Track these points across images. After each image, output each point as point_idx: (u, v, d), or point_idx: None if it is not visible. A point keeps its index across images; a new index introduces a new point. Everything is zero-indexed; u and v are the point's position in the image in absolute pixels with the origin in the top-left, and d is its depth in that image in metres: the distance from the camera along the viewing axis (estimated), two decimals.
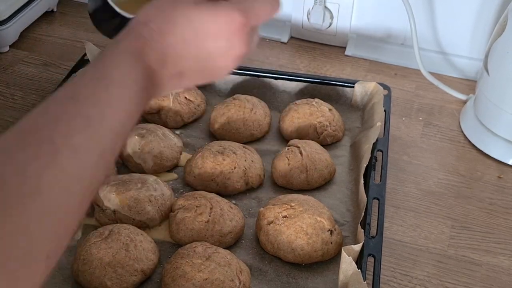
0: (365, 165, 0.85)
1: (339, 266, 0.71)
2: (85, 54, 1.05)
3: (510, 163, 0.95)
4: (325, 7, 1.17)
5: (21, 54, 1.18)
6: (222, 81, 1.05)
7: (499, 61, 0.94)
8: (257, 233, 0.80)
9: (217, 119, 0.96)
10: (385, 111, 0.97)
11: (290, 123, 0.96)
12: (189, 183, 0.88)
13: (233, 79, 1.05)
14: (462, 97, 1.08)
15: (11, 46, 1.20)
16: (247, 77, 1.04)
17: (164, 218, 0.83)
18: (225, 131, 0.96)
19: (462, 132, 1.02)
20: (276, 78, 1.04)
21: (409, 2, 1.08)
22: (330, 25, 1.20)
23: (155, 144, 0.88)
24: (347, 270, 0.70)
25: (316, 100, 0.98)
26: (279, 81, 1.04)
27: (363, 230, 0.75)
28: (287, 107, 0.99)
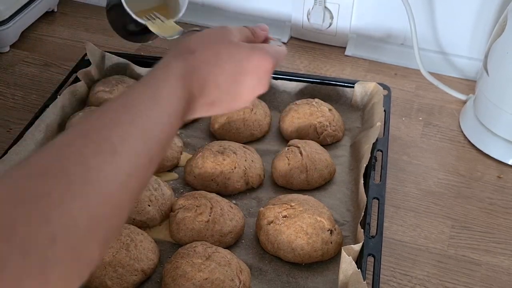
0: (365, 165, 0.85)
1: (339, 266, 0.71)
2: (86, 54, 1.05)
3: (510, 163, 0.95)
4: (325, 7, 1.17)
5: (21, 54, 1.19)
6: None
7: (499, 61, 0.94)
8: (257, 233, 0.80)
9: (217, 119, 0.96)
10: (385, 111, 0.97)
11: (290, 123, 0.96)
12: (189, 183, 0.88)
13: None
14: (462, 97, 1.08)
15: (11, 46, 1.20)
16: None
17: (164, 218, 0.83)
18: (225, 131, 0.96)
19: (462, 132, 1.02)
20: (276, 78, 1.04)
21: (409, 2, 1.08)
22: (330, 25, 1.20)
23: None
24: (347, 270, 0.70)
25: (316, 100, 0.98)
26: (279, 81, 1.04)
27: (363, 230, 0.75)
28: (287, 107, 0.99)
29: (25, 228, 0.35)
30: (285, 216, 0.78)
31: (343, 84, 1.03)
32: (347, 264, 0.70)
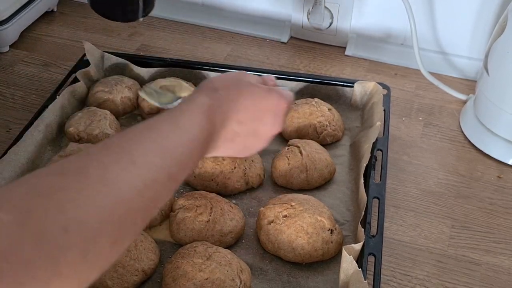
0: (365, 165, 0.85)
1: (340, 265, 0.71)
2: (85, 54, 1.05)
3: (510, 163, 0.95)
4: (325, 7, 1.17)
5: (21, 54, 1.18)
6: None
7: (499, 61, 0.94)
8: (258, 233, 0.80)
9: None
10: (384, 110, 0.97)
11: (290, 123, 0.96)
12: (189, 183, 0.88)
13: None
14: (462, 97, 1.08)
15: (11, 46, 1.20)
16: None
17: (164, 218, 0.83)
18: None
19: (462, 132, 1.02)
20: (276, 78, 1.03)
21: (409, 2, 1.08)
22: (330, 25, 1.20)
23: None
24: (347, 269, 0.70)
25: (316, 99, 0.98)
26: (279, 81, 1.03)
27: (363, 229, 0.75)
28: None
29: (40, 215, 0.37)
30: (285, 216, 0.78)
31: (342, 83, 1.03)
32: (348, 264, 0.69)
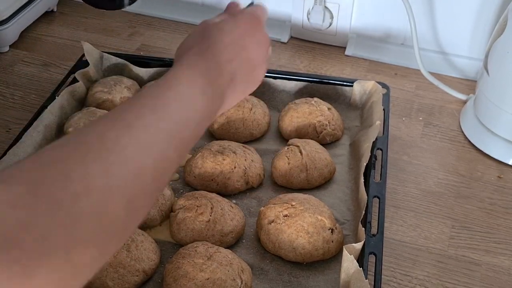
0: (365, 164, 0.85)
1: (341, 265, 0.71)
2: (84, 55, 1.05)
3: (510, 163, 0.95)
4: (325, 7, 1.17)
5: (21, 54, 1.18)
6: None
7: (499, 61, 0.94)
8: (258, 233, 0.80)
9: (217, 119, 0.96)
10: (384, 110, 0.97)
11: (290, 122, 0.96)
12: (189, 183, 0.88)
13: None
14: (462, 97, 1.08)
15: (11, 46, 1.20)
16: None
17: (164, 218, 0.83)
18: (224, 131, 0.96)
19: (462, 132, 1.02)
20: (275, 78, 1.04)
21: (409, 2, 1.08)
22: (330, 25, 1.20)
23: None
24: (348, 269, 0.70)
25: (315, 99, 0.98)
26: (278, 80, 1.04)
27: (363, 229, 0.75)
28: (286, 106, 0.99)
29: (49, 184, 0.38)
30: (286, 216, 0.78)
31: (342, 83, 1.03)
32: (348, 263, 0.69)
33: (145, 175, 0.45)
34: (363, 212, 0.78)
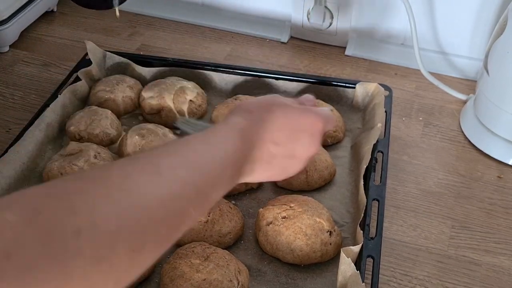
0: (365, 166, 0.84)
1: (338, 267, 0.71)
2: (86, 54, 1.05)
3: (510, 163, 0.95)
4: (325, 7, 1.17)
5: (21, 54, 1.18)
6: (223, 81, 1.05)
7: (499, 61, 0.93)
8: (256, 234, 0.80)
9: (218, 119, 0.96)
10: (386, 112, 0.96)
11: None
12: None
13: (234, 79, 1.05)
14: (462, 97, 1.08)
15: (11, 46, 1.20)
16: (248, 77, 1.04)
17: None
18: None
19: (462, 132, 1.02)
20: (277, 79, 1.03)
21: (409, 2, 1.08)
22: (330, 25, 1.20)
23: (155, 144, 0.88)
24: (346, 271, 0.70)
25: (317, 100, 0.98)
26: (279, 81, 1.03)
27: (362, 231, 0.75)
28: None
29: (49, 215, 0.36)
30: (284, 217, 0.78)
31: (344, 84, 1.03)
32: (346, 266, 0.69)
33: (160, 223, 0.43)
34: (362, 215, 0.78)
